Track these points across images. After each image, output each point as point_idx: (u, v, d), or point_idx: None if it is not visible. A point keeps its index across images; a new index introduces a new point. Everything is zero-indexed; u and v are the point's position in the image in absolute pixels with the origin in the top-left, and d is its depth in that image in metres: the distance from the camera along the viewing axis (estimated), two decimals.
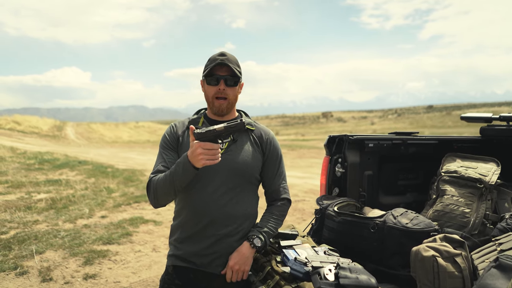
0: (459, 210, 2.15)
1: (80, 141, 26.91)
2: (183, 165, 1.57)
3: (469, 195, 2.19)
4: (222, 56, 1.77)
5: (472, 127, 22.63)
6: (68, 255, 4.48)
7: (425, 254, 1.39)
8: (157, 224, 5.96)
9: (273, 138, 1.90)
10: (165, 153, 1.79)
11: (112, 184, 8.97)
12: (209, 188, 1.73)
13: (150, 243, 5.11)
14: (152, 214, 6.56)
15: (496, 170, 2.27)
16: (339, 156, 2.31)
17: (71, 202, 7.07)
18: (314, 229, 2.06)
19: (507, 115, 2.50)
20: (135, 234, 5.45)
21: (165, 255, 4.68)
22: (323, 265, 1.45)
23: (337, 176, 2.32)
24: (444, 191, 2.25)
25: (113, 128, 30.48)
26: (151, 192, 1.70)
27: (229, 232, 1.74)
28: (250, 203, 1.83)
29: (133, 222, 5.98)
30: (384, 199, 2.51)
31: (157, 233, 5.58)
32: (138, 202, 7.29)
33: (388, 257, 1.70)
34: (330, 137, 2.36)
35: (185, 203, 1.76)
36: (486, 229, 2.12)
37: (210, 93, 1.79)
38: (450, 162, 2.40)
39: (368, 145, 2.30)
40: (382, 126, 62.50)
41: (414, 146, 2.49)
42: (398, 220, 1.72)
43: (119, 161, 13.96)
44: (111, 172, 10.59)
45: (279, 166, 1.91)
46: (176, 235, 1.82)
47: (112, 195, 7.85)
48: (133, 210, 6.81)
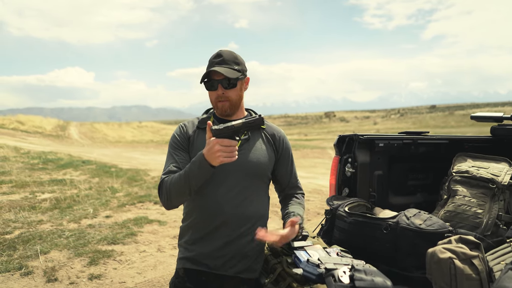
0: (472, 210, 2.12)
1: (83, 141, 26.96)
2: (199, 163, 1.53)
3: (481, 196, 2.15)
4: (217, 58, 1.72)
5: (476, 126, 22.48)
6: (73, 255, 4.47)
7: (442, 256, 1.36)
8: (162, 224, 5.95)
9: (284, 136, 1.88)
10: (175, 153, 1.75)
11: (116, 184, 8.96)
12: (223, 188, 1.69)
13: (155, 243, 5.10)
14: (156, 214, 6.55)
15: (508, 170, 2.23)
16: (349, 156, 2.28)
17: (75, 202, 7.06)
18: (325, 229, 2.03)
19: None
20: (139, 234, 5.43)
21: (170, 256, 4.67)
22: (337, 267, 1.42)
23: (347, 176, 2.29)
24: (456, 192, 2.22)
25: (116, 128, 30.52)
26: (164, 193, 1.66)
27: (242, 233, 1.71)
28: (262, 203, 1.80)
29: (137, 222, 5.96)
30: (393, 200, 2.48)
31: (161, 233, 5.56)
32: (142, 202, 7.27)
33: (401, 258, 1.67)
34: (340, 137, 2.33)
35: (197, 204, 1.73)
36: (499, 230, 2.09)
37: (212, 97, 1.76)
38: (461, 162, 2.36)
39: (379, 144, 2.27)
40: (385, 126, 62.31)
41: (424, 146, 2.46)
42: (411, 221, 1.69)
43: (123, 161, 13.96)
44: (115, 172, 10.59)
45: (292, 163, 1.89)
46: (186, 236, 1.79)
47: (116, 195, 7.84)
48: (137, 210, 6.79)
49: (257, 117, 1.51)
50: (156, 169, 11.72)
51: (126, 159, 14.75)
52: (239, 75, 1.73)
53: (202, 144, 1.72)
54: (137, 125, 31.89)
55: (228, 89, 1.72)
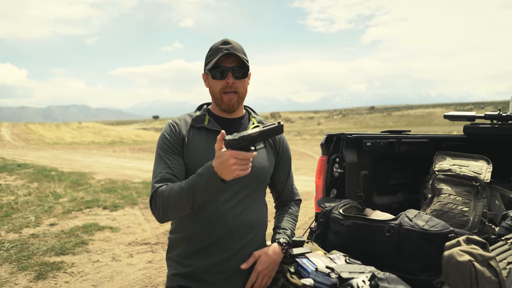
0: (458, 209, 2.12)
1: (17, 143, 24.94)
2: (208, 177, 1.33)
3: (465, 194, 2.16)
4: (226, 44, 1.54)
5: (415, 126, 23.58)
6: (16, 270, 4.01)
7: (461, 259, 1.30)
8: (114, 231, 5.57)
9: (284, 137, 1.74)
10: (167, 158, 1.53)
11: (59, 188, 8.32)
12: (224, 195, 1.51)
13: (109, 252, 4.74)
14: (107, 220, 6.13)
15: (487, 168, 2.27)
16: (337, 156, 2.19)
17: (13, 210, 6.43)
18: (317, 233, 1.92)
19: (492, 114, 2.53)
20: (91, 242, 5.03)
21: (127, 264, 4.35)
22: (352, 275, 1.31)
23: (334, 177, 2.20)
24: (440, 190, 2.21)
25: (54, 128, 28.59)
26: (159, 206, 1.44)
27: (245, 244, 1.54)
28: (262, 209, 1.65)
29: (87, 229, 5.54)
30: (378, 200, 2.43)
31: (115, 240, 5.20)
32: (90, 207, 6.79)
33: (406, 261, 1.60)
34: (328, 136, 2.24)
35: (193, 213, 1.52)
36: (485, 227, 2.11)
37: (217, 88, 1.56)
38: (441, 161, 2.37)
39: (366, 144, 2.21)
40: (329, 126, 64.41)
41: (406, 144, 2.45)
42: (414, 222, 1.63)
43: (63, 164, 13.07)
44: (56, 176, 9.85)
45: (290, 168, 1.76)
46: (179, 249, 1.57)
47: (60, 201, 7.27)
48: (85, 216, 6.32)
49: (276, 124, 1.33)
50: (102, 172, 11.09)
51: (67, 162, 13.84)
52: (249, 66, 1.58)
53: (198, 146, 1.53)
54: (77, 126, 30.08)
55: (238, 79, 1.55)
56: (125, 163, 14.05)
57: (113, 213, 6.52)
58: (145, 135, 32.80)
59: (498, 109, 2.52)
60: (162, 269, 4.22)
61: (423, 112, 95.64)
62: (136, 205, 7.14)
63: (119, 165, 13.29)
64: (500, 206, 2.26)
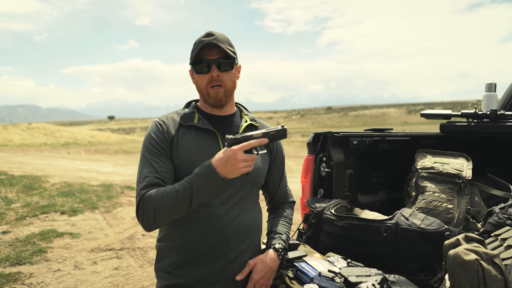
0: (443, 206, 2.13)
1: None
2: (208, 177, 1.24)
3: (449, 191, 2.18)
4: (209, 36, 1.43)
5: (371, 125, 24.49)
6: None
7: (467, 258, 1.28)
8: (75, 237, 5.27)
9: None
10: (154, 160, 1.40)
11: (10, 193, 7.78)
12: (219, 199, 1.40)
13: (70, 260, 4.46)
14: (66, 225, 5.79)
15: (468, 165, 2.30)
16: (324, 155, 2.14)
17: None
18: (308, 235, 1.85)
19: (468, 112, 2.57)
20: (49, 250, 4.72)
21: (92, 272, 4.11)
22: (360, 279, 1.25)
23: (321, 176, 2.15)
24: (425, 188, 2.21)
25: (1, 129, 26.75)
26: (149, 211, 1.31)
27: (243, 250, 1.44)
28: (257, 212, 1.56)
29: (44, 236, 5.19)
30: (361, 198, 2.41)
31: (76, 247, 4.91)
32: (46, 213, 6.39)
33: (404, 261, 1.57)
34: (315, 134, 2.18)
35: (185, 219, 1.40)
36: (469, 224, 2.13)
37: (203, 82, 1.46)
38: (423, 159, 2.38)
39: (353, 142, 2.17)
40: (288, 126, 65.10)
41: (389, 143, 2.44)
42: (411, 221, 1.60)
43: (13, 167, 12.28)
44: (6, 180, 9.21)
45: (284, 168, 1.67)
46: (170, 258, 1.44)
47: (12, 206, 6.79)
48: (41, 222, 5.93)
49: (280, 128, 1.29)
50: (56, 175, 10.51)
51: (17, 165, 13.02)
52: (235, 57, 1.47)
53: (188, 146, 1.41)
54: (27, 127, 28.37)
55: (223, 72, 1.44)
56: (81, 165, 13.42)
57: (72, 218, 6.17)
58: (101, 136, 31.61)
59: (474, 107, 2.57)
60: (130, 276, 4.01)
61: (377, 112, 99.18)
62: (97, 209, 6.80)
63: (74, 168, 12.67)
64: (480, 202, 2.30)
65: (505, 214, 1.83)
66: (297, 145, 23.78)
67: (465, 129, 2.59)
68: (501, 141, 2.66)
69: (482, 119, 2.53)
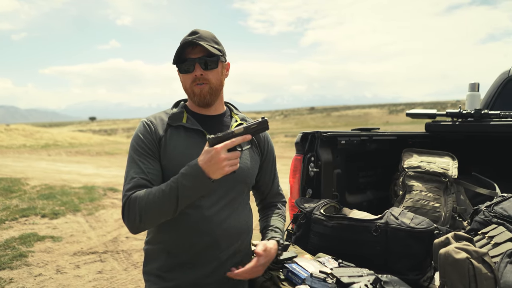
0: (430, 205, 2.14)
1: None
2: (195, 177, 1.21)
3: (435, 190, 2.19)
4: (193, 34, 1.41)
5: (354, 126, 24.90)
6: None
7: (458, 257, 1.28)
8: (56, 240, 5.15)
9: (268, 135, 1.63)
10: (141, 161, 1.36)
11: None
12: (208, 201, 1.37)
13: (52, 264, 4.35)
14: (47, 229, 5.65)
15: (454, 164, 2.32)
16: (312, 155, 2.13)
17: None
18: (298, 236, 1.83)
19: (453, 111, 2.60)
20: (30, 254, 4.60)
21: (74, 277, 4.02)
22: (353, 280, 1.24)
23: (310, 176, 2.14)
24: (412, 187, 2.22)
25: None
26: (134, 213, 1.27)
27: (233, 253, 1.42)
28: (248, 213, 1.53)
29: (25, 240, 5.06)
30: (349, 198, 2.41)
31: (58, 251, 4.80)
32: (26, 216, 6.22)
33: (394, 261, 1.56)
34: (303, 134, 2.17)
35: (174, 221, 1.36)
36: (456, 222, 2.15)
37: (187, 82, 1.43)
38: (409, 158, 2.39)
39: (341, 142, 2.17)
40: (272, 126, 65.28)
41: (376, 142, 2.45)
42: (401, 220, 1.60)
43: None
44: None
45: (275, 168, 1.65)
46: (159, 261, 1.41)
47: None
48: (21, 226, 5.78)
49: (260, 120, 1.27)
50: (36, 177, 10.26)
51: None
52: (219, 54, 1.43)
53: (177, 146, 1.38)
54: (5, 128, 27.61)
55: (208, 70, 1.41)
56: (62, 167, 13.15)
57: (53, 221, 6.03)
58: (82, 138, 31.04)
59: (459, 107, 2.61)
60: (114, 279, 3.94)
61: (360, 112, 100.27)
62: (79, 211, 6.66)
63: (55, 170, 12.40)
64: (466, 200, 2.33)
65: (491, 212, 1.85)
66: (281, 145, 23.87)
67: (450, 128, 2.62)
68: (485, 140, 2.70)
69: (466, 119, 2.56)
